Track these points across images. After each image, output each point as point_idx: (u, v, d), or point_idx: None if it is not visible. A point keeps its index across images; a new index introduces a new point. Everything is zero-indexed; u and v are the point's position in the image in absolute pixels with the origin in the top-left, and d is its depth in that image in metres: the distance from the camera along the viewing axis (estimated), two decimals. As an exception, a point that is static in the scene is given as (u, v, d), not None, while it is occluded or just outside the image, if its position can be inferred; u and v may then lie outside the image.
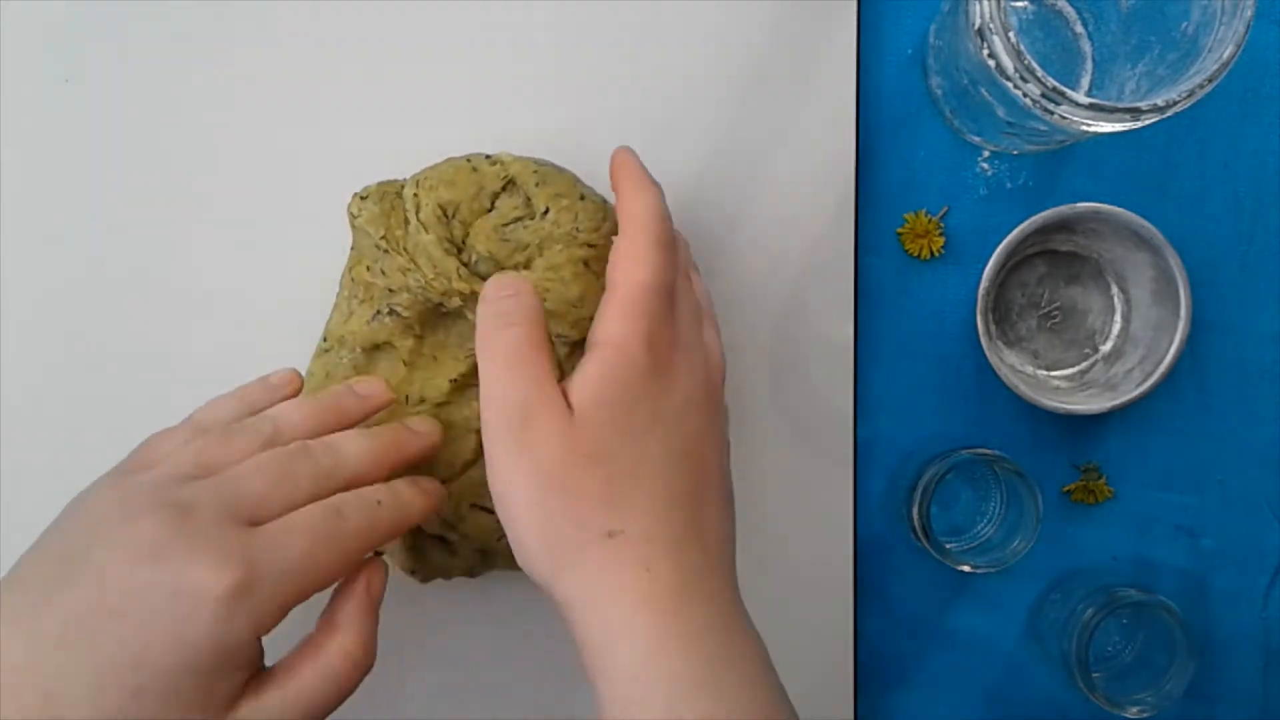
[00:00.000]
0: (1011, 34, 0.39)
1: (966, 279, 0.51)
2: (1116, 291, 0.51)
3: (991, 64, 0.40)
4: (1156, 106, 0.39)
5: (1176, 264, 0.47)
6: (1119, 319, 0.51)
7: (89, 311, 0.48)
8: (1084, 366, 0.52)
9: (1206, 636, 0.52)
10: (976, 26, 0.40)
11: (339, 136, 0.48)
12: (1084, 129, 0.40)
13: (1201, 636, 0.51)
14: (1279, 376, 0.52)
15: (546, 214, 0.42)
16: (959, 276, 0.51)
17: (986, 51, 0.40)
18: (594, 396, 0.37)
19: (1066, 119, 0.40)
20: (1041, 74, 0.39)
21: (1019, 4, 0.50)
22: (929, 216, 0.51)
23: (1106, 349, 0.52)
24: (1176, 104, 0.39)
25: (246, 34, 0.48)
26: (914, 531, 0.49)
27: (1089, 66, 0.49)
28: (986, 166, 0.51)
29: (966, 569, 0.49)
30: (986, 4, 0.39)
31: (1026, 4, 0.50)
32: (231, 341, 0.48)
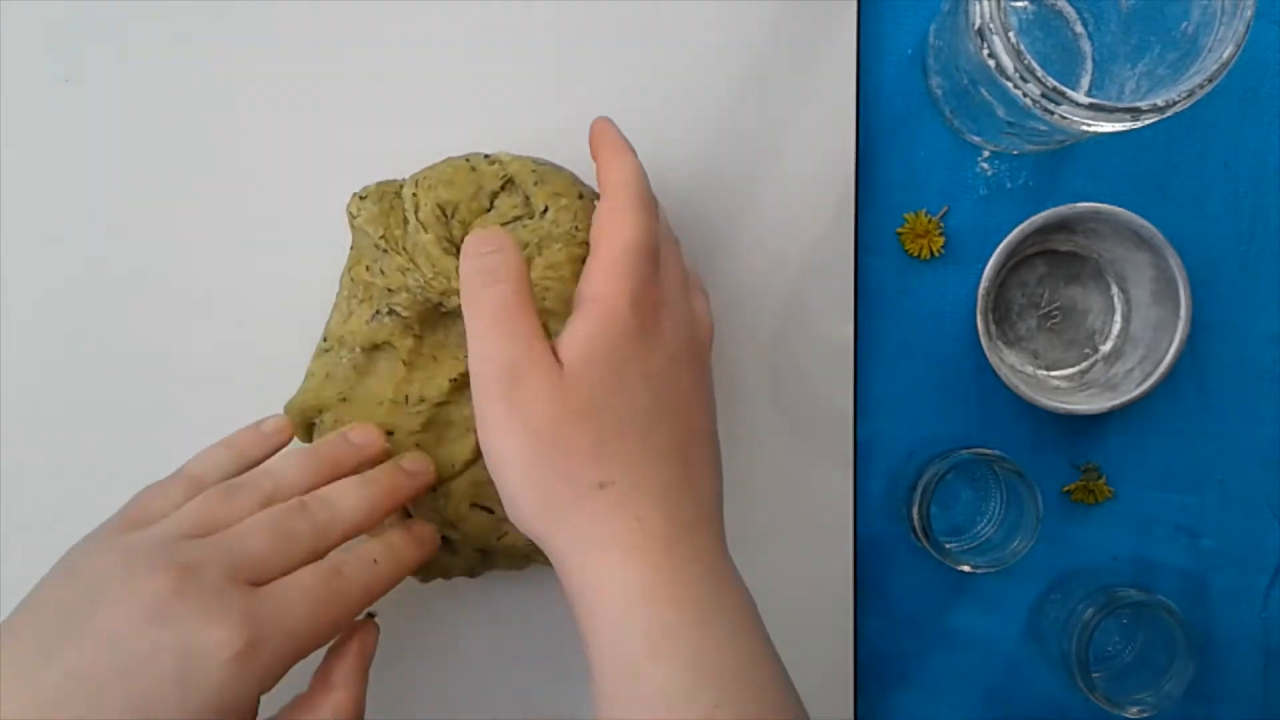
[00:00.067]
0: (1011, 34, 0.39)
1: (966, 279, 0.51)
2: (1116, 291, 0.51)
3: (991, 64, 0.40)
4: (1156, 106, 0.39)
5: (1176, 264, 0.47)
6: (1119, 319, 0.51)
7: (89, 311, 0.48)
8: (1084, 366, 0.52)
9: (1206, 636, 0.52)
10: (976, 26, 0.40)
11: (339, 136, 0.48)
12: (1084, 129, 0.40)
13: (1201, 636, 0.51)
14: (1279, 376, 0.52)
15: (545, 213, 0.42)
16: (959, 276, 0.51)
17: (986, 51, 0.40)
18: (582, 353, 0.37)
19: (1066, 119, 0.40)
20: (1041, 74, 0.39)
21: (1019, 4, 0.50)
22: (929, 216, 0.51)
23: (1106, 349, 0.51)
24: (1176, 104, 0.39)
25: (246, 34, 0.48)
26: (914, 531, 0.49)
27: (1089, 66, 0.49)
28: (986, 166, 0.51)
29: (966, 569, 0.49)
30: (986, 4, 0.39)
31: (1026, 4, 0.50)
32: (231, 341, 0.48)
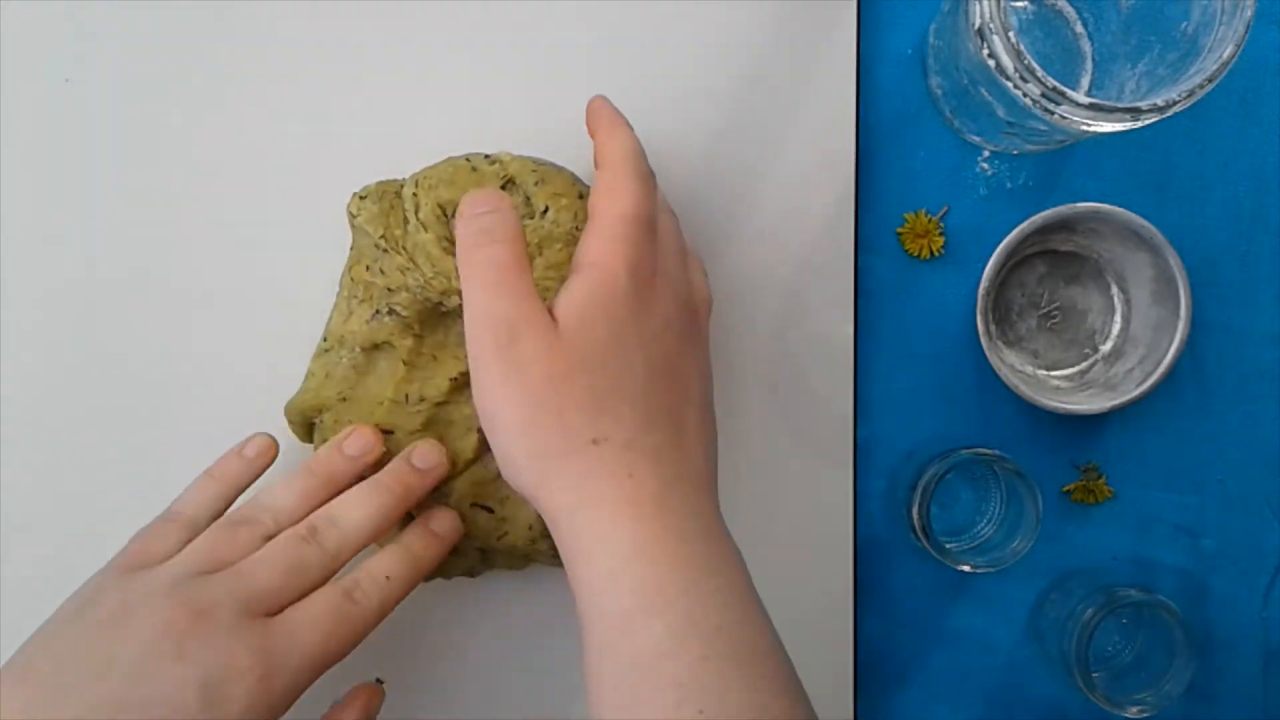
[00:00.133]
0: (1011, 34, 0.39)
1: (966, 279, 0.51)
2: (1116, 291, 0.51)
3: (991, 64, 0.40)
4: (1156, 106, 0.39)
5: (1176, 264, 0.47)
6: (1119, 319, 0.51)
7: (89, 311, 0.48)
8: (1084, 366, 0.52)
9: (1206, 636, 0.52)
10: (976, 26, 0.40)
11: (339, 136, 0.48)
12: (1084, 129, 0.40)
13: (1201, 636, 0.51)
14: (1279, 376, 0.52)
15: (546, 213, 0.42)
16: (959, 276, 0.51)
17: (986, 51, 0.40)
18: (579, 312, 0.37)
19: (1066, 119, 0.40)
20: (1041, 74, 0.39)
21: (1019, 4, 0.50)
22: (929, 216, 0.51)
23: (1106, 349, 0.52)
24: (1176, 104, 0.39)
25: (246, 34, 0.48)
26: (914, 531, 0.49)
27: (1089, 66, 0.49)
28: (986, 166, 0.51)
29: (966, 569, 0.49)
30: (986, 4, 0.39)
31: (1026, 4, 0.50)
32: (231, 341, 0.48)
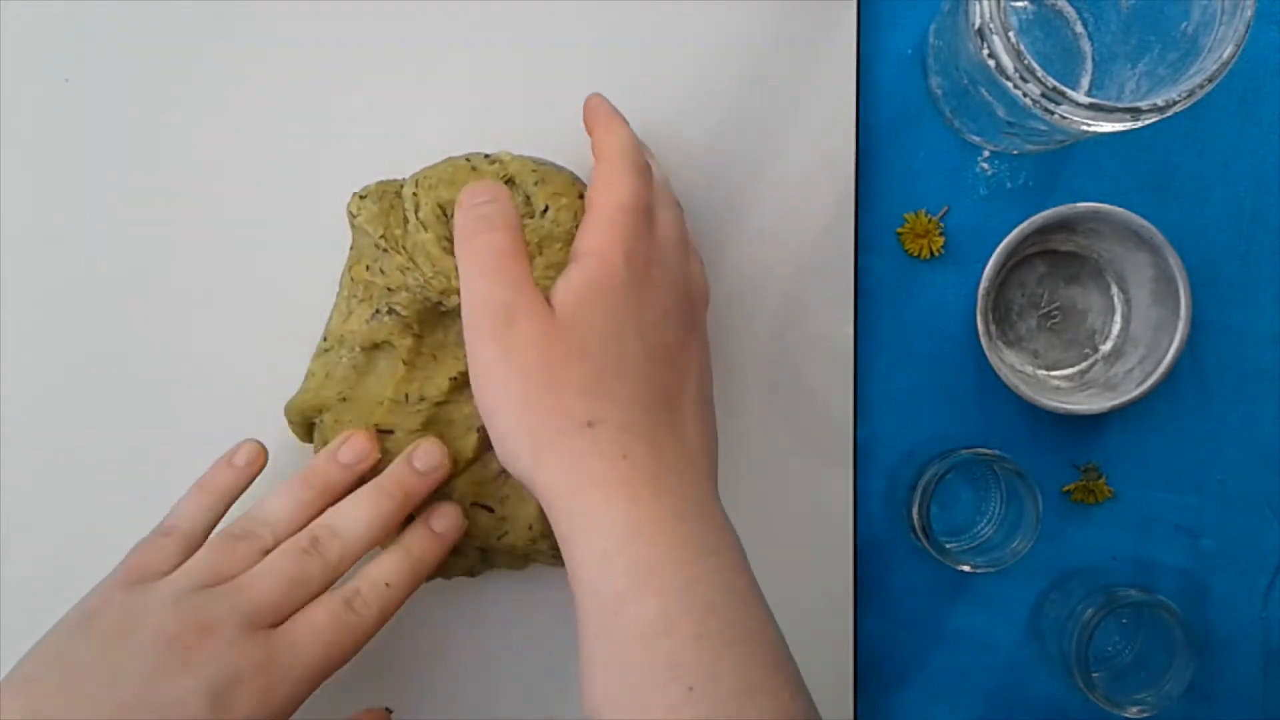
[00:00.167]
0: (1011, 34, 0.39)
1: (966, 279, 0.51)
2: (1116, 291, 0.51)
3: (991, 64, 0.40)
4: (1156, 106, 0.39)
5: (1176, 264, 0.47)
6: (1119, 319, 0.51)
7: (89, 311, 0.48)
8: (1084, 366, 0.52)
9: (1206, 636, 0.52)
10: (976, 26, 0.40)
11: (339, 136, 0.48)
12: (1084, 129, 0.40)
13: (1201, 636, 0.51)
14: (1279, 376, 0.52)
15: (546, 213, 0.42)
16: (959, 276, 0.51)
17: (986, 51, 0.40)
18: (575, 298, 0.38)
19: (1066, 119, 0.40)
20: (1041, 74, 0.39)
21: (1019, 4, 0.50)
22: (929, 216, 0.51)
23: (1106, 349, 0.51)
24: (1176, 104, 0.39)
25: (246, 34, 0.48)
26: (914, 531, 0.49)
27: (1089, 66, 0.49)
28: (986, 166, 0.51)
29: (966, 569, 0.49)
30: (986, 4, 0.39)
31: (1026, 4, 0.50)
32: (231, 341, 0.48)
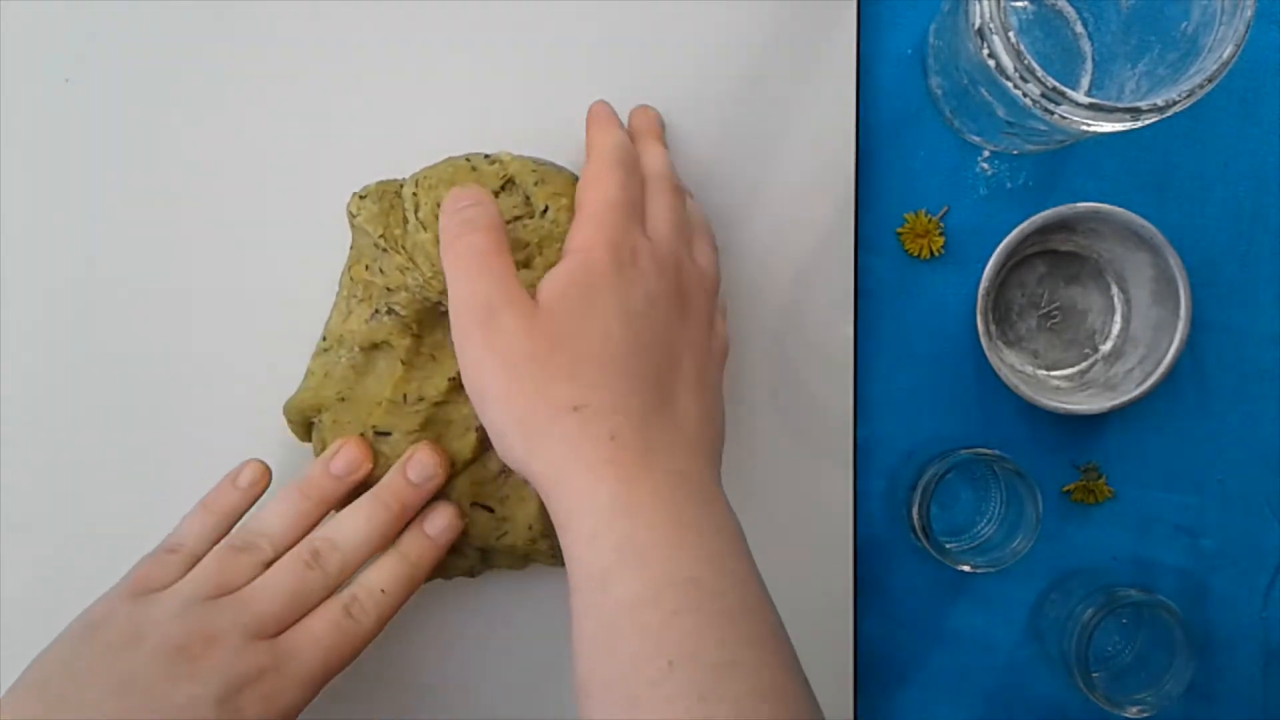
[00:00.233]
0: (1011, 34, 0.39)
1: (966, 279, 0.51)
2: (1116, 291, 0.51)
3: (991, 64, 0.40)
4: (1156, 106, 0.39)
5: (1176, 264, 0.47)
6: (1119, 319, 0.51)
7: (88, 312, 0.48)
8: (1084, 366, 0.52)
9: (1206, 636, 0.52)
10: (976, 26, 0.40)
11: (339, 136, 0.48)
12: (1084, 129, 0.40)
13: (1201, 636, 0.51)
14: (1279, 376, 0.52)
15: (545, 212, 0.42)
16: (959, 276, 0.51)
17: (986, 51, 0.40)
18: (560, 291, 0.38)
19: (1066, 119, 0.40)
20: (1041, 74, 0.39)
21: (1019, 4, 0.50)
22: (929, 216, 0.51)
23: (1106, 349, 0.51)
24: (1176, 104, 0.39)
25: (246, 34, 0.48)
26: (914, 531, 0.49)
27: (1089, 66, 0.49)
28: (986, 166, 0.51)
29: (966, 569, 0.49)
30: (986, 4, 0.39)
31: (1026, 4, 0.50)
32: (231, 341, 0.48)
